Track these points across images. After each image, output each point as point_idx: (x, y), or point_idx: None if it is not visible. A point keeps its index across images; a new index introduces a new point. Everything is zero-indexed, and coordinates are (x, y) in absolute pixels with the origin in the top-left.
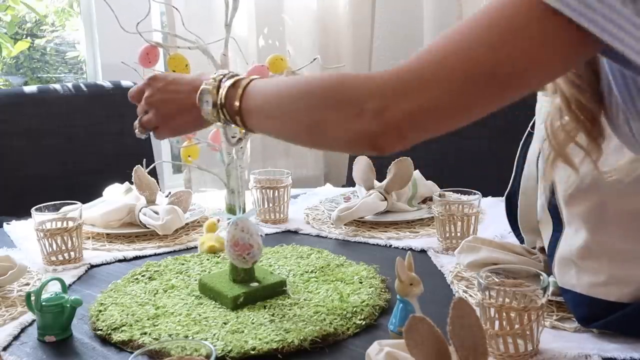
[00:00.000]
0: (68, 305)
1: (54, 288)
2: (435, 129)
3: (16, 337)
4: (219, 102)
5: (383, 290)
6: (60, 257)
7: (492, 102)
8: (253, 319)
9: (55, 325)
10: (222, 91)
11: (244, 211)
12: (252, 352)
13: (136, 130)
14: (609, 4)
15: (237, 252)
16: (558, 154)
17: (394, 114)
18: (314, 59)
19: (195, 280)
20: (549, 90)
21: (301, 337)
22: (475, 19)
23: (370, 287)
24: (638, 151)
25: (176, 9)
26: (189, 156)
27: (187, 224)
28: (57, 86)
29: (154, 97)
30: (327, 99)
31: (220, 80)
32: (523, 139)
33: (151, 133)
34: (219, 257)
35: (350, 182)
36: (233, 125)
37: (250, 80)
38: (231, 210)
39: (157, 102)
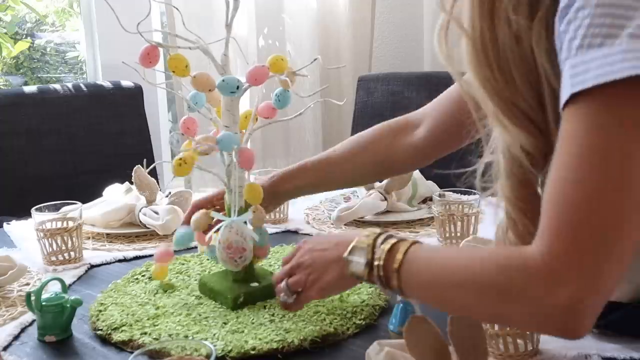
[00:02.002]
0: (68, 305)
1: (54, 288)
2: (609, 292)
3: (16, 337)
4: (375, 262)
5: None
6: (60, 257)
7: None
8: (253, 319)
9: (55, 325)
10: (378, 252)
11: (238, 214)
12: (252, 352)
13: (282, 295)
14: None
15: (230, 254)
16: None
17: (579, 299)
18: (315, 59)
19: (195, 280)
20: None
21: (301, 337)
22: (578, 158)
23: (370, 287)
24: None
25: (177, 8)
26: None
27: None
28: (57, 86)
29: (304, 257)
30: (503, 295)
31: (375, 239)
32: None
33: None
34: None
35: None
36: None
37: (410, 245)
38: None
39: (307, 261)
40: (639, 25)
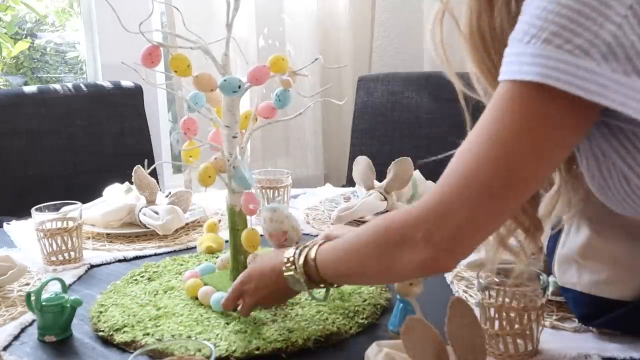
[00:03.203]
0: (68, 305)
1: (54, 288)
2: (477, 239)
3: (16, 337)
4: (302, 279)
5: (383, 289)
6: (60, 257)
7: (518, 202)
8: (255, 319)
9: (55, 325)
10: (300, 269)
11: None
12: (257, 352)
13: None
14: (593, 71)
15: (275, 242)
16: (500, 244)
17: (439, 237)
18: (316, 59)
19: None
20: None
21: (305, 337)
22: (479, 129)
23: (370, 287)
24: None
25: (177, 8)
26: (190, 156)
27: (187, 224)
28: (57, 86)
29: (249, 288)
30: (385, 246)
31: (294, 262)
32: None
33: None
34: (217, 257)
35: (350, 182)
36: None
37: (317, 250)
38: (232, 210)
39: (253, 292)
40: (553, 31)
